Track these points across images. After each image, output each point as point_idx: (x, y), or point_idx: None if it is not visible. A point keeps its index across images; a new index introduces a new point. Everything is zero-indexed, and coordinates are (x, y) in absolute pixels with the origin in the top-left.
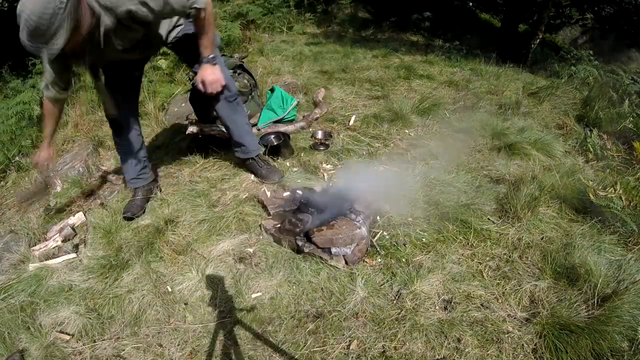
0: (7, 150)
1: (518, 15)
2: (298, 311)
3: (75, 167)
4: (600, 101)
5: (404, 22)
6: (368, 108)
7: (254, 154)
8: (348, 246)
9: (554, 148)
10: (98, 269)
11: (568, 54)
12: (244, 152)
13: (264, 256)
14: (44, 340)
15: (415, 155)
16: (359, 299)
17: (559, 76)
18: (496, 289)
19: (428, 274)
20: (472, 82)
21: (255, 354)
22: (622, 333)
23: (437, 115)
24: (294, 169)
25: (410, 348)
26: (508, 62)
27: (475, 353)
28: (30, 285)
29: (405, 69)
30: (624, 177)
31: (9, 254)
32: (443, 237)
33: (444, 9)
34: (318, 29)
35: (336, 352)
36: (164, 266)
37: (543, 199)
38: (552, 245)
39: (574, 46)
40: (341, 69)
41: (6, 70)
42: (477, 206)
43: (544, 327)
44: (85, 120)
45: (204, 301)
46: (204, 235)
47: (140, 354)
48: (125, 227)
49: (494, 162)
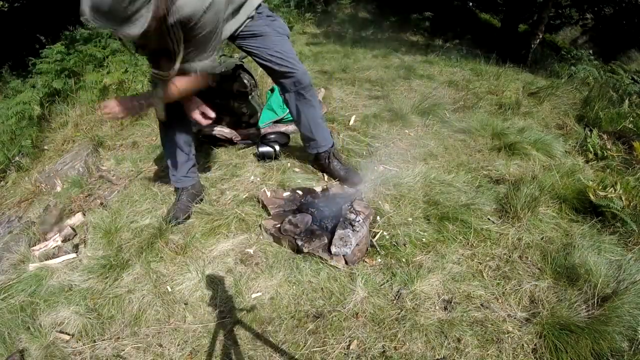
0: (7, 150)
1: (518, 15)
2: (298, 311)
3: (75, 167)
4: (600, 101)
5: (404, 22)
6: (368, 108)
7: (322, 149)
8: (348, 246)
9: (554, 148)
10: (98, 269)
11: (568, 54)
12: (314, 147)
13: (264, 256)
14: (44, 340)
15: (415, 155)
16: (359, 299)
17: (559, 76)
18: (496, 289)
19: (428, 274)
20: (472, 82)
21: (255, 354)
22: (622, 333)
23: (437, 115)
24: (294, 169)
25: (410, 348)
26: (508, 62)
27: (475, 353)
28: (30, 285)
29: (405, 69)
30: (624, 177)
31: (9, 254)
32: (443, 237)
33: (444, 9)
34: (318, 29)
35: (336, 352)
36: (164, 266)
37: (543, 199)
38: (552, 245)
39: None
40: (341, 69)
41: (6, 70)
42: (477, 206)
43: (544, 327)
44: (85, 120)
45: (204, 301)
46: (204, 235)
47: (140, 354)
48: (125, 227)
49: (494, 162)
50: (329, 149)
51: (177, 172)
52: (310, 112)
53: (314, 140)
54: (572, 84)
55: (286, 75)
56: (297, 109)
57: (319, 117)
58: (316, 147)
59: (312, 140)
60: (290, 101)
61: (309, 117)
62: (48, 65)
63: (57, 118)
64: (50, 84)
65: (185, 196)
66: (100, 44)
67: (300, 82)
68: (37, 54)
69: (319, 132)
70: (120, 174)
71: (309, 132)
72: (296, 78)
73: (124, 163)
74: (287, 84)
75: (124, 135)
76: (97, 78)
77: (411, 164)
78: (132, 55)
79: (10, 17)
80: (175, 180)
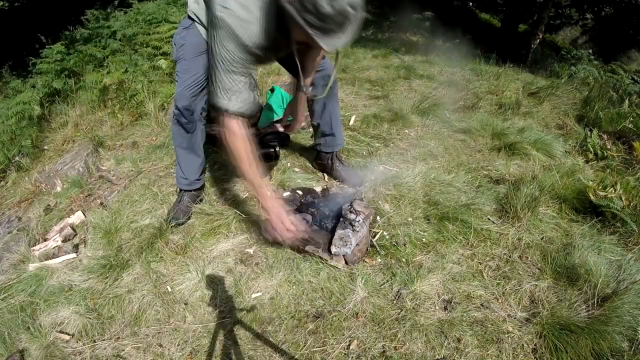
0: (7, 150)
1: (518, 15)
2: (298, 311)
3: (75, 167)
4: (600, 101)
5: (404, 22)
6: (368, 108)
7: (338, 148)
8: (348, 246)
9: (554, 148)
10: (98, 269)
11: (568, 54)
12: (330, 144)
13: (264, 256)
14: (44, 340)
15: (415, 155)
16: (359, 299)
17: (559, 76)
18: (496, 289)
19: (428, 274)
20: (472, 82)
21: (255, 354)
22: (622, 333)
23: (437, 115)
24: (294, 169)
25: (410, 348)
26: (508, 62)
27: (475, 353)
28: (30, 285)
29: (405, 69)
30: (624, 177)
31: (9, 254)
32: (443, 237)
33: (444, 9)
34: None
35: (336, 352)
36: (164, 266)
37: (543, 199)
38: (552, 245)
39: (574, 46)
40: (341, 69)
41: (6, 70)
42: (477, 206)
43: (544, 327)
44: (85, 120)
45: (204, 301)
46: (204, 236)
47: (140, 354)
48: (125, 227)
49: (494, 162)
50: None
51: (190, 176)
52: (335, 108)
53: (332, 136)
54: (572, 84)
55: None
56: (323, 103)
57: (339, 114)
58: (332, 145)
59: (329, 136)
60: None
61: (333, 113)
62: (48, 65)
63: (57, 118)
64: (50, 84)
65: (187, 197)
66: (100, 44)
67: (329, 75)
68: (37, 54)
69: (338, 129)
70: (120, 174)
71: (329, 127)
72: (326, 72)
73: (124, 163)
74: (317, 78)
75: (124, 135)
76: (97, 78)
77: (411, 164)
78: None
79: (11, 16)
80: (186, 184)
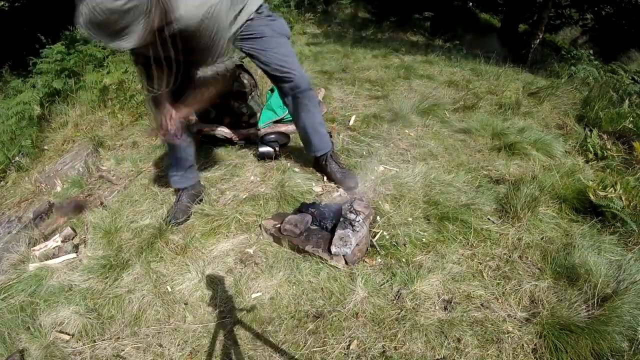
0: (7, 150)
1: (518, 15)
2: (298, 311)
3: (75, 167)
4: (600, 101)
5: (404, 22)
6: (368, 108)
7: (319, 153)
8: (348, 246)
9: (554, 148)
10: (98, 269)
11: (568, 54)
12: (310, 150)
13: (264, 256)
14: (44, 340)
15: (415, 155)
16: (359, 299)
17: (559, 76)
18: (496, 289)
19: (428, 274)
20: (472, 82)
21: (255, 354)
22: (622, 333)
23: (437, 115)
24: (294, 169)
25: (410, 348)
26: (508, 62)
27: (475, 353)
28: (30, 285)
29: (405, 69)
30: (624, 177)
31: (9, 254)
32: (443, 237)
33: (444, 9)
34: (318, 29)
35: (336, 352)
36: (164, 266)
37: (543, 199)
38: (552, 245)
39: (574, 46)
40: (341, 69)
41: (6, 70)
42: (477, 206)
43: (544, 327)
44: (85, 120)
45: (204, 301)
46: (204, 236)
47: (140, 354)
48: (125, 227)
49: (494, 162)
50: (327, 152)
51: (178, 172)
52: (307, 117)
53: (310, 144)
54: (572, 84)
55: (284, 79)
56: (295, 113)
57: (317, 121)
58: (313, 151)
59: (307, 143)
60: (288, 104)
61: (306, 122)
62: (48, 65)
63: (57, 118)
64: (50, 84)
65: (185, 197)
66: (100, 44)
67: (298, 86)
68: (37, 54)
69: (315, 137)
70: (120, 174)
71: (305, 135)
72: (294, 83)
73: (124, 163)
74: (285, 88)
75: (124, 135)
76: (97, 78)
77: (411, 164)
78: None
79: (11, 16)
80: (175, 181)
